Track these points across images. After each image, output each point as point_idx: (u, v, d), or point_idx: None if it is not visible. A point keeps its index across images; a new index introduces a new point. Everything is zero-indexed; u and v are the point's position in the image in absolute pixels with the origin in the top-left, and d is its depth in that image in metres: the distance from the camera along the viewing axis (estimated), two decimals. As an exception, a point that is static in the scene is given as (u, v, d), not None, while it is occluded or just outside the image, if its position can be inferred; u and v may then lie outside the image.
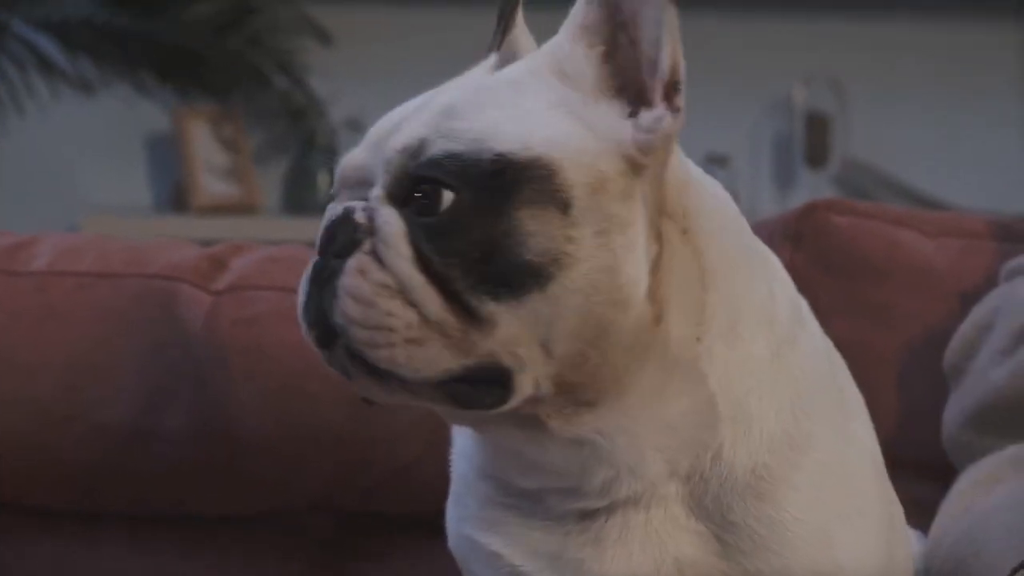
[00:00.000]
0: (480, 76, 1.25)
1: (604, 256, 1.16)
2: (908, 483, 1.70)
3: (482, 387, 1.16)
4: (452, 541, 1.34)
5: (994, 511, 1.46)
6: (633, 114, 1.18)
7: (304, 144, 4.31)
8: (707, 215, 1.23)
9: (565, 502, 1.24)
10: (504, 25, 1.28)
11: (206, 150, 4.29)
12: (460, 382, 1.16)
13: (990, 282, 1.76)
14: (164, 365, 1.75)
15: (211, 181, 4.28)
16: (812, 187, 4.36)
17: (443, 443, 1.71)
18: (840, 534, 1.25)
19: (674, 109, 1.17)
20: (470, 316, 1.14)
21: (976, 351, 1.67)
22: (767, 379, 1.24)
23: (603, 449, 1.20)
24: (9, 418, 1.75)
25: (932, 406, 1.75)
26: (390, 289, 1.14)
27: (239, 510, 1.80)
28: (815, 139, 4.43)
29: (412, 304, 1.14)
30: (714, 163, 4.33)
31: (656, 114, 1.17)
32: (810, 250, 1.80)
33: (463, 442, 1.32)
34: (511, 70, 1.24)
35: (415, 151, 1.16)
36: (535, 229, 1.14)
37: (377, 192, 1.18)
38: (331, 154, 4.29)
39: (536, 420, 1.19)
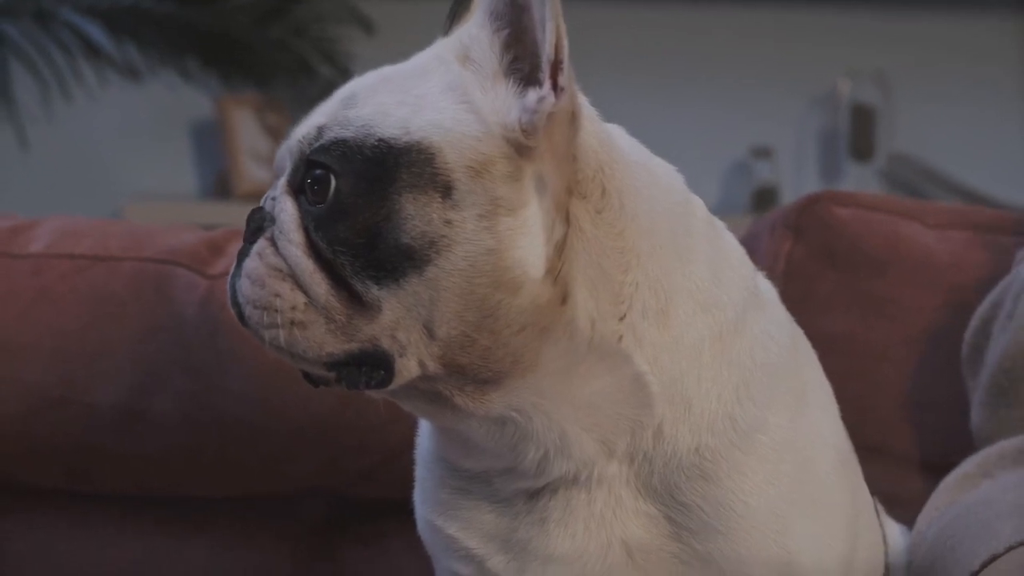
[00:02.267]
0: (373, 72, 1.26)
1: (486, 239, 1.16)
2: (907, 477, 1.69)
3: (366, 369, 1.19)
4: (419, 524, 1.35)
5: (974, 505, 1.45)
6: (522, 94, 1.18)
7: (346, 133, 4.31)
8: (635, 196, 1.23)
9: (508, 482, 1.25)
10: (455, 11, 1.28)
11: (250, 137, 4.30)
12: (345, 364, 1.19)
13: (993, 275, 1.74)
14: (156, 348, 1.76)
15: (254, 168, 4.29)
16: (857, 180, 4.33)
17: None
18: (794, 521, 1.24)
19: (558, 88, 1.17)
20: (356, 302, 1.17)
21: (991, 329, 1.65)
22: (707, 362, 1.24)
23: (522, 427, 1.21)
24: (1, 399, 1.76)
25: (931, 400, 1.73)
26: (281, 272, 1.18)
27: (230, 493, 1.81)
28: (860, 132, 4.39)
29: (301, 288, 1.17)
30: (759, 156, 4.31)
31: (539, 94, 1.17)
32: (811, 242, 1.79)
33: (423, 425, 1.33)
34: (421, 56, 1.25)
35: (311, 139, 1.20)
36: (413, 212, 1.16)
37: (282, 180, 1.22)
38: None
39: (443, 397, 1.20)
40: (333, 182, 1.17)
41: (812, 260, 1.78)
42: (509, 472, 1.24)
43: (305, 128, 1.21)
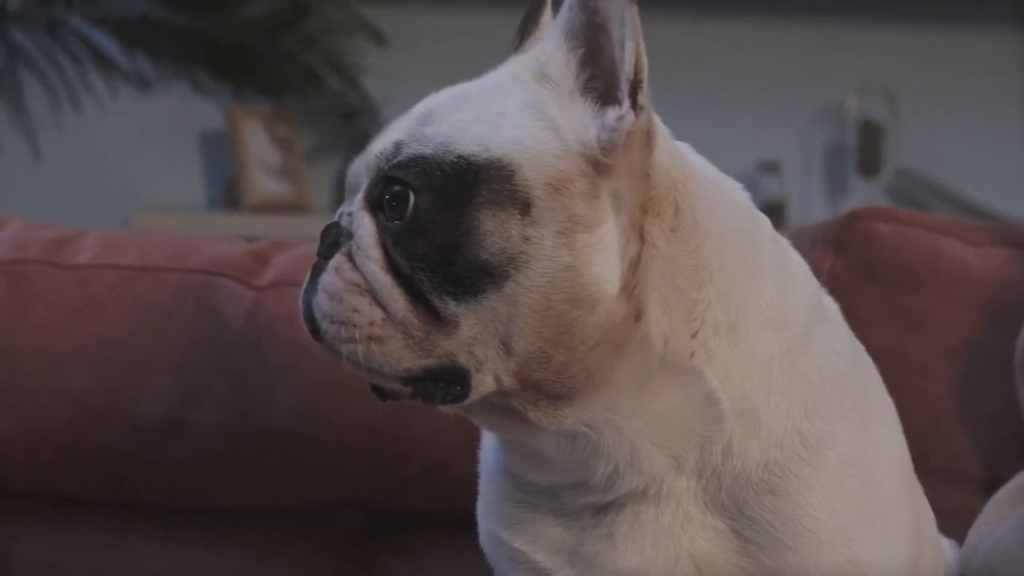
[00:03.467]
0: (473, 81, 1.26)
1: (564, 255, 1.17)
2: (942, 492, 1.69)
3: (442, 384, 1.20)
4: (482, 537, 1.36)
5: (1029, 520, 1.45)
6: (599, 113, 1.20)
7: (357, 145, 4.31)
8: (708, 213, 1.24)
9: (576, 497, 1.25)
10: (526, 26, 1.30)
11: (259, 149, 4.30)
12: (422, 379, 1.20)
13: (1032, 293, 1.75)
14: (201, 359, 1.76)
15: (263, 180, 4.30)
16: (864, 195, 4.34)
17: (478, 440, 1.72)
18: (861, 535, 1.25)
19: (637, 107, 1.18)
20: (434, 317, 1.17)
21: None
22: (776, 378, 1.24)
23: (594, 442, 1.21)
24: (46, 409, 1.76)
25: (971, 415, 1.74)
26: (359, 288, 1.19)
27: (269, 503, 1.81)
28: (868, 147, 4.41)
29: (379, 303, 1.18)
30: (766, 170, 4.32)
31: (619, 113, 1.18)
32: (852, 257, 1.79)
33: (488, 438, 1.34)
34: (495, 74, 1.25)
35: (390, 155, 1.20)
36: (491, 228, 1.16)
37: (359, 196, 1.22)
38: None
39: (517, 412, 1.21)
40: (412, 198, 1.17)
41: (853, 276, 1.79)
42: (578, 487, 1.25)
43: (382, 144, 1.21)
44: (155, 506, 1.83)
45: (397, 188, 1.18)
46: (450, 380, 1.19)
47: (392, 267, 1.18)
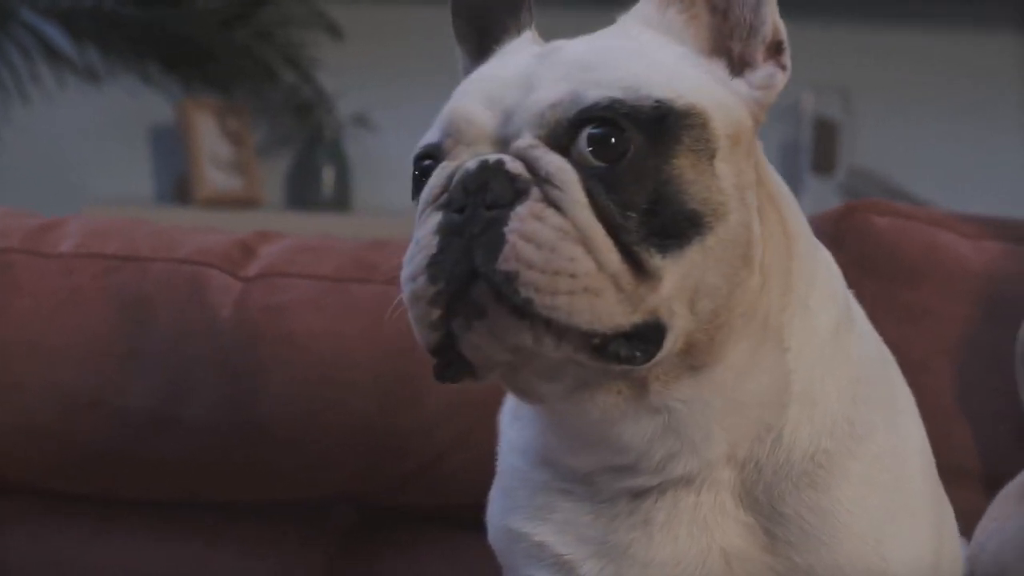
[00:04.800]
0: (569, 42, 1.22)
1: (743, 211, 1.15)
2: (948, 487, 1.68)
3: (636, 342, 1.13)
4: (494, 535, 1.31)
5: (1041, 516, 1.44)
6: (735, 76, 1.18)
7: (310, 139, 4.28)
8: (778, 183, 1.23)
9: (616, 481, 1.22)
10: (529, 4, 1.28)
11: (210, 142, 4.26)
12: (615, 338, 1.12)
13: (1028, 286, 1.74)
14: (189, 351, 1.72)
15: (214, 174, 4.25)
16: (818, 194, 4.34)
17: (473, 436, 1.69)
18: (889, 531, 1.23)
19: (782, 67, 1.18)
20: (638, 271, 1.11)
21: None
22: (828, 356, 1.23)
23: (678, 420, 1.18)
24: (31, 402, 1.72)
25: (971, 410, 1.73)
26: (570, 235, 1.11)
27: (262, 499, 1.78)
28: (822, 146, 4.41)
29: (590, 252, 1.11)
30: (721, 168, 4.31)
31: (768, 71, 1.18)
32: (850, 251, 1.78)
33: (517, 435, 1.30)
34: (611, 33, 1.22)
35: (568, 103, 1.13)
36: (694, 177, 1.12)
37: (528, 142, 1.14)
38: (337, 150, 4.26)
39: (637, 383, 1.17)
40: (629, 140, 1.12)
41: (851, 269, 1.76)
42: (622, 470, 1.21)
43: (551, 94, 1.14)
44: (144, 502, 1.79)
45: (601, 131, 1.12)
46: (643, 339, 1.13)
47: (598, 214, 1.12)
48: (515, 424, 1.31)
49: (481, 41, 1.30)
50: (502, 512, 1.30)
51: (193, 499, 1.78)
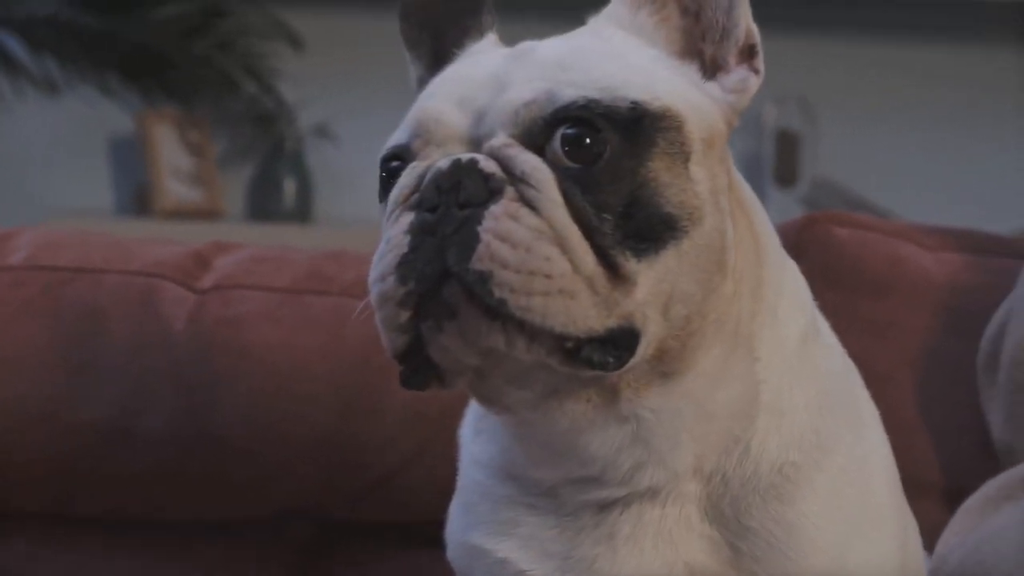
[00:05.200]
0: (542, 42, 1.20)
1: (718, 216, 1.13)
2: (908, 501, 1.67)
3: (609, 347, 1.11)
4: (454, 551, 1.29)
5: (1003, 529, 1.43)
6: (707, 79, 1.17)
7: (271, 150, 4.26)
8: (747, 190, 1.22)
9: (581, 493, 1.20)
10: (490, 6, 1.26)
11: (170, 154, 4.23)
12: (589, 342, 1.10)
13: (989, 298, 1.73)
14: (143, 364, 1.70)
15: (175, 185, 4.22)
16: (781, 205, 4.34)
17: (430, 450, 1.67)
18: (855, 544, 1.21)
19: (755, 71, 1.18)
20: (613, 274, 1.10)
21: (1006, 330, 1.64)
22: (797, 368, 1.21)
23: (646, 428, 1.16)
24: (-19, 417, 1.69)
25: (930, 423, 1.72)
26: (546, 235, 1.09)
27: (218, 515, 1.75)
28: (784, 158, 4.41)
29: (566, 253, 1.09)
30: (683, 179, 4.30)
31: (741, 75, 1.17)
32: (811, 263, 1.75)
33: (479, 449, 1.28)
34: (583, 34, 1.21)
35: (544, 102, 1.12)
36: (669, 181, 1.11)
37: (503, 140, 1.12)
38: (298, 161, 4.24)
39: (608, 390, 1.15)
40: (605, 141, 1.10)
41: (813, 281, 1.75)
42: (587, 481, 1.19)
43: (526, 92, 1.13)
44: (98, 521, 1.76)
45: (576, 132, 1.11)
46: (616, 344, 1.11)
47: (574, 214, 1.10)
48: (478, 438, 1.29)
49: (436, 46, 1.28)
50: (463, 528, 1.28)
51: (149, 515, 1.76)
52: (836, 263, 1.77)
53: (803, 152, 4.41)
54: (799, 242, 1.77)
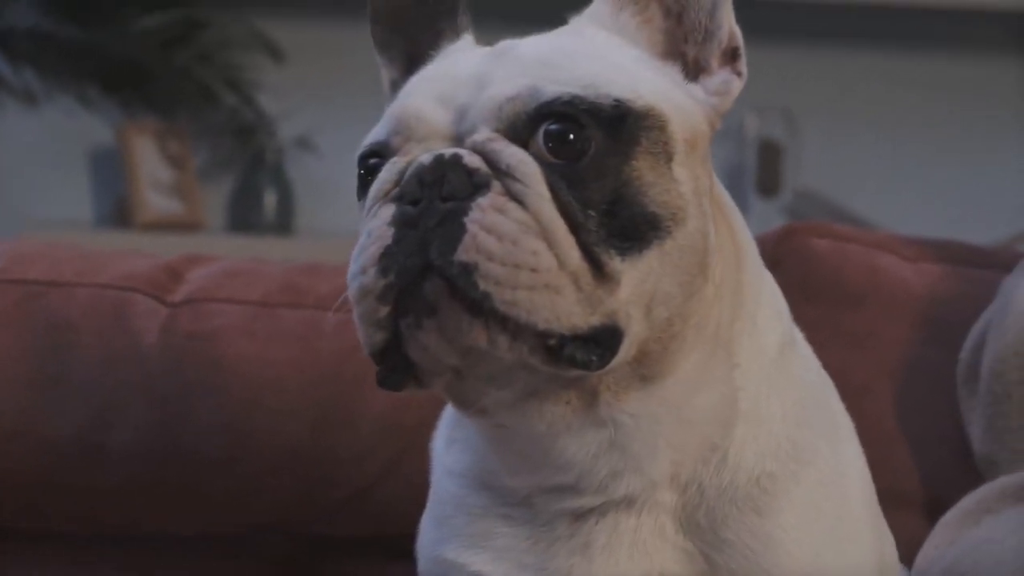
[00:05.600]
0: (523, 40, 1.19)
1: (700, 218, 1.13)
2: (887, 513, 1.66)
3: (592, 346, 1.10)
4: (425, 566, 1.28)
5: (983, 543, 1.42)
6: (690, 80, 1.17)
7: (251, 162, 4.25)
8: (726, 196, 1.22)
9: (557, 502, 1.19)
10: (464, 7, 1.26)
11: (150, 166, 4.21)
12: (572, 340, 1.09)
13: (968, 308, 1.72)
14: (115, 378, 1.69)
15: (155, 197, 4.20)
16: (763, 215, 4.33)
17: (405, 463, 1.66)
18: (831, 558, 1.20)
19: (738, 73, 1.18)
20: (598, 271, 1.09)
21: (983, 348, 1.64)
22: (775, 377, 1.21)
23: (624, 434, 1.15)
24: (-49, 432, 1.68)
25: (909, 435, 1.71)
26: (532, 229, 1.08)
27: (192, 530, 1.74)
28: (767, 168, 4.41)
29: (552, 248, 1.08)
30: (665, 190, 4.30)
31: (723, 77, 1.17)
32: (790, 274, 1.75)
33: (453, 460, 1.26)
34: (565, 33, 1.20)
35: (527, 97, 1.11)
36: (652, 180, 1.11)
37: (487, 135, 1.12)
38: (279, 173, 4.22)
39: (587, 392, 1.14)
40: (589, 137, 1.10)
41: (791, 292, 1.74)
42: (563, 490, 1.18)
43: (509, 88, 1.12)
44: (71, 534, 1.75)
45: (560, 127, 1.10)
46: (599, 343, 1.10)
47: (561, 209, 1.09)
48: (451, 447, 1.28)
49: (410, 49, 1.27)
50: (434, 542, 1.26)
51: (124, 529, 1.74)
52: (815, 274, 1.76)
53: (786, 162, 4.41)
54: (778, 253, 1.76)
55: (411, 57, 1.27)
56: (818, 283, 1.76)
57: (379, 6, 1.28)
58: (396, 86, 1.25)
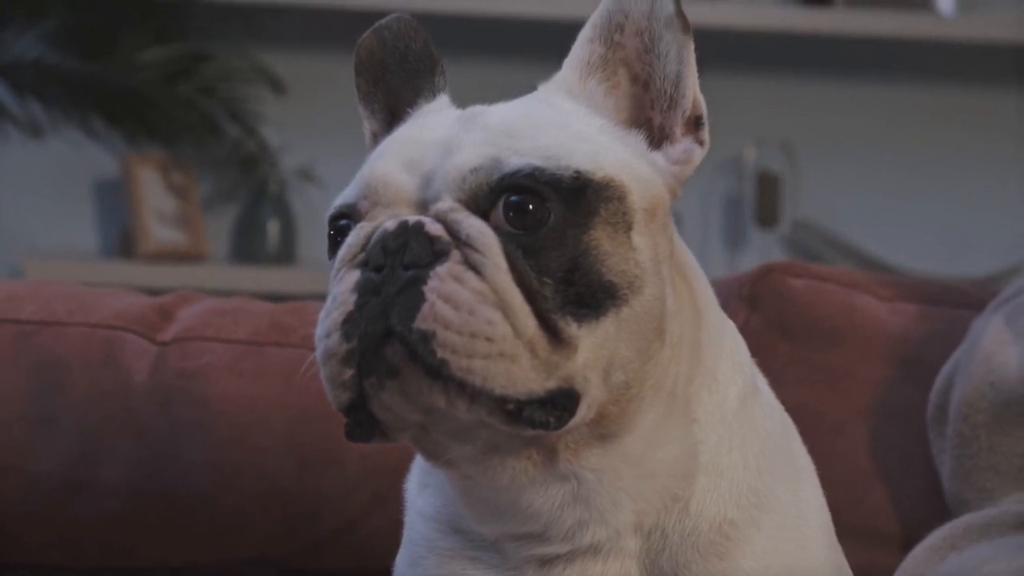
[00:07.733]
0: (491, 107, 1.23)
1: (658, 284, 1.16)
2: (859, 550, 1.68)
3: (550, 408, 1.13)
4: None
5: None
6: (653, 147, 1.20)
7: (254, 193, 4.28)
8: (688, 255, 1.24)
9: (525, 548, 1.22)
10: (442, 68, 1.29)
11: (154, 197, 4.24)
12: (530, 404, 1.13)
13: (943, 348, 1.75)
14: (104, 416, 1.71)
15: (159, 228, 4.23)
16: (762, 247, 4.36)
17: (390, 499, 1.68)
18: None
19: (700, 142, 1.19)
20: (554, 337, 1.12)
21: (953, 382, 1.66)
22: (736, 428, 1.23)
23: (587, 488, 1.18)
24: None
25: (883, 473, 1.73)
26: (489, 299, 1.12)
27: (177, 564, 1.76)
28: (766, 199, 4.43)
29: (508, 317, 1.11)
30: (665, 221, 4.32)
31: (686, 146, 1.19)
32: (766, 313, 1.79)
33: (425, 503, 1.29)
34: (532, 100, 1.23)
35: (490, 168, 1.15)
36: (611, 249, 1.14)
37: (449, 205, 1.15)
38: (282, 204, 4.26)
39: (547, 449, 1.17)
40: (549, 209, 1.13)
41: (767, 332, 1.78)
42: (531, 538, 1.21)
43: (473, 158, 1.15)
44: (57, 568, 1.77)
45: (519, 199, 1.14)
46: (556, 405, 1.13)
47: (517, 279, 1.12)
48: (424, 491, 1.31)
49: (391, 103, 1.30)
50: None
51: (110, 562, 1.77)
52: (791, 313, 1.79)
53: (785, 194, 4.42)
54: (754, 293, 1.79)
55: (392, 111, 1.30)
56: (794, 322, 1.78)
57: (363, 59, 1.31)
58: (376, 139, 1.29)
